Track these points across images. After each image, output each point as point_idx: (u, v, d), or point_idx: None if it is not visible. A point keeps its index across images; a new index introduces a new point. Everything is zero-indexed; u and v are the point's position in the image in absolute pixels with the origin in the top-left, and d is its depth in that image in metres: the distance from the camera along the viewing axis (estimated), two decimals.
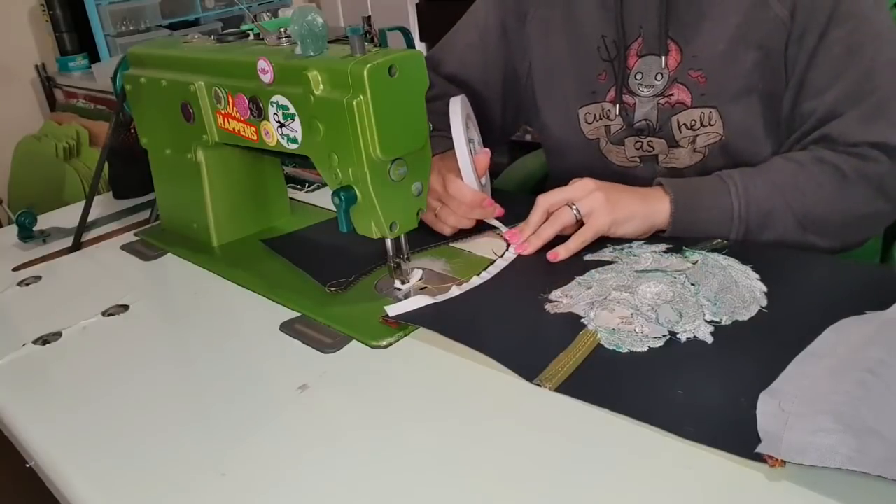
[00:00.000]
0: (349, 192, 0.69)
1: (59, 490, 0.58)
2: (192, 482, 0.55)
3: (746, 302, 0.67)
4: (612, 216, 0.79)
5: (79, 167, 2.19)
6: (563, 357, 0.63)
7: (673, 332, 0.64)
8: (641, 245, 0.79)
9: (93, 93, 2.39)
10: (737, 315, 0.66)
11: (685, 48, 0.86)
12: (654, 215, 0.81)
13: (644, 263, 0.75)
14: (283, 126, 0.75)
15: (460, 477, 0.52)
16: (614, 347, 0.63)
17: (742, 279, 0.71)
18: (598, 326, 0.66)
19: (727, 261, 0.74)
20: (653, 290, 0.69)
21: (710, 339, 0.63)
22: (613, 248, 0.79)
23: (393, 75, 0.66)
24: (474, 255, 0.84)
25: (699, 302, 0.67)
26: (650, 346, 0.63)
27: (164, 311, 0.83)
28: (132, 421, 0.63)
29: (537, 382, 0.60)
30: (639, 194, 0.82)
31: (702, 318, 0.66)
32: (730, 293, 0.68)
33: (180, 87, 0.86)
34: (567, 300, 0.71)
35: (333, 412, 0.62)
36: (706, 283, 0.70)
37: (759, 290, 0.69)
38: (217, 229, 0.94)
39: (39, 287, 0.90)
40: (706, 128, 0.86)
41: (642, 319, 0.66)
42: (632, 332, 0.65)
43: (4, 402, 0.68)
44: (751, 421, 0.52)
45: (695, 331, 0.64)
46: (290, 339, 0.72)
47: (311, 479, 0.54)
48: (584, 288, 0.72)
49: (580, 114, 0.94)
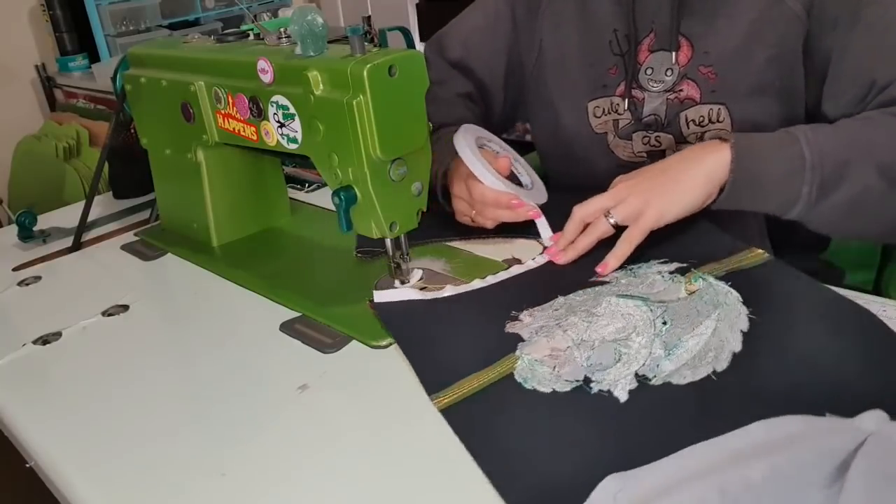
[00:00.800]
0: (349, 192, 0.69)
1: (59, 490, 0.58)
2: (192, 482, 0.55)
3: (705, 360, 0.60)
4: (657, 209, 0.73)
5: (79, 167, 2.19)
6: (472, 378, 0.61)
7: (588, 378, 0.59)
8: (651, 264, 0.74)
9: (93, 93, 2.39)
10: (681, 373, 0.59)
11: (696, 44, 0.85)
12: (713, 172, 0.72)
13: (635, 287, 0.70)
14: (283, 126, 0.75)
15: (460, 477, 0.52)
16: (521, 380, 0.60)
17: (723, 328, 0.63)
18: (525, 354, 0.63)
19: (728, 297, 0.67)
20: (610, 326, 0.65)
21: (624, 396, 0.57)
22: (624, 266, 0.75)
23: (393, 75, 0.66)
24: (474, 256, 0.84)
25: (652, 349, 0.61)
26: (555, 388, 0.59)
27: (164, 311, 0.83)
28: (132, 421, 0.63)
29: (433, 398, 0.59)
30: (690, 158, 0.75)
31: (635, 369, 0.60)
32: (696, 341, 0.62)
33: (180, 87, 0.86)
34: (528, 319, 0.68)
35: (333, 412, 0.62)
36: (679, 325, 0.64)
37: (728, 351, 0.61)
38: (217, 229, 0.94)
39: (39, 287, 0.90)
40: (714, 124, 0.86)
41: (573, 356, 0.62)
42: (551, 368, 0.61)
43: (4, 402, 0.68)
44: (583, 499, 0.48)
45: (614, 383, 0.58)
46: (290, 339, 0.72)
47: (310, 479, 0.54)
48: (552, 309, 0.69)
49: (589, 107, 0.93)
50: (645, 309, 0.66)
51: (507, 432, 0.55)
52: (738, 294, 0.67)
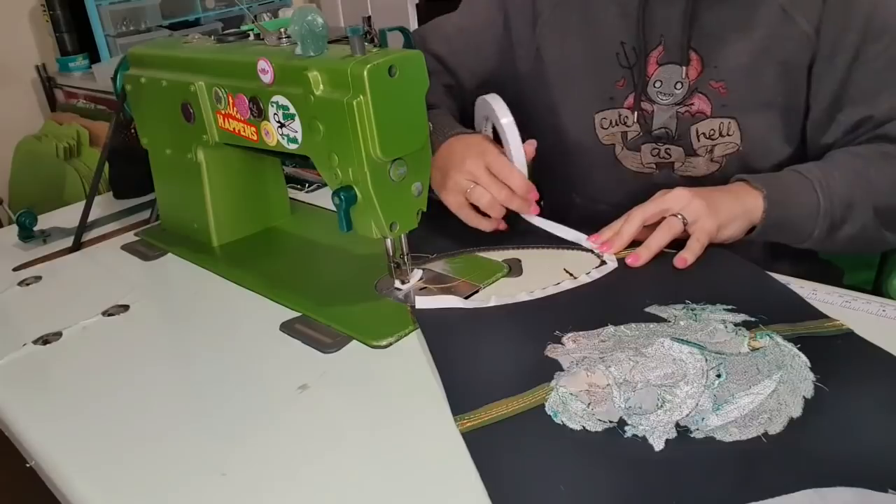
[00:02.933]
0: (349, 193, 0.69)
1: (59, 490, 0.58)
2: (192, 482, 0.55)
3: (757, 420, 0.55)
4: (718, 220, 0.77)
5: (79, 167, 2.19)
6: (502, 404, 0.58)
7: (623, 421, 0.55)
8: (717, 309, 0.69)
9: (93, 93, 2.39)
10: (727, 430, 0.54)
11: (707, 58, 0.85)
12: (750, 212, 0.78)
13: (693, 333, 0.65)
14: (284, 126, 0.75)
15: (460, 477, 0.52)
16: (551, 413, 0.57)
17: (784, 391, 0.57)
18: (560, 385, 0.59)
19: (795, 360, 0.60)
20: (658, 370, 0.60)
21: (660, 444, 0.53)
22: (686, 304, 0.70)
23: (393, 75, 0.66)
24: (474, 256, 0.84)
25: (699, 400, 0.56)
26: (586, 426, 0.55)
27: (165, 311, 0.83)
28: (132, 421, 0.63)
29: (457, 419, 0.57)
30: (731, 193, 0.80)
31: (677, 418, 0.55)
32: (751, 400, 0.56)
33: (180, 87, 0.86)
34: (571, 345, 0.65)
35: (333, 412, 0.62)
36: (735, 380, 0.58)
37: (786, 415, 0.55)
38: (217, 229, 0.94)
39: (40, 287, 0.90)
40: (724, 138, 0.87)
41: (611, 395, 0.58)
42: (585, 403, 0.57)
43: (4, 402, 0.68)
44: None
45: (651, 430, 0.54)
46: (290, 339, 0.72)
47: (311, 479, 0.54)
48: (599, 339, 0.65)
49: (596, 119, 0.93)
50: (700, 357, 0.61)
51: (526, 466, 0.52)
52: (807, 359, 0.60)
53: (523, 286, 0.76)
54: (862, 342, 0.63)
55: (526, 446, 0.54)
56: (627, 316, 0.68)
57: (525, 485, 0.50)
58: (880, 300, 0.69)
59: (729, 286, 0.73)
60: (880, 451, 0.51)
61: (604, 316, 0.69)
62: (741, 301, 0.69)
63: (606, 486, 0.50)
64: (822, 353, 0.61)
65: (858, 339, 0.63)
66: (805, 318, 0.67)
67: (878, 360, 0.61)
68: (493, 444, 0.54)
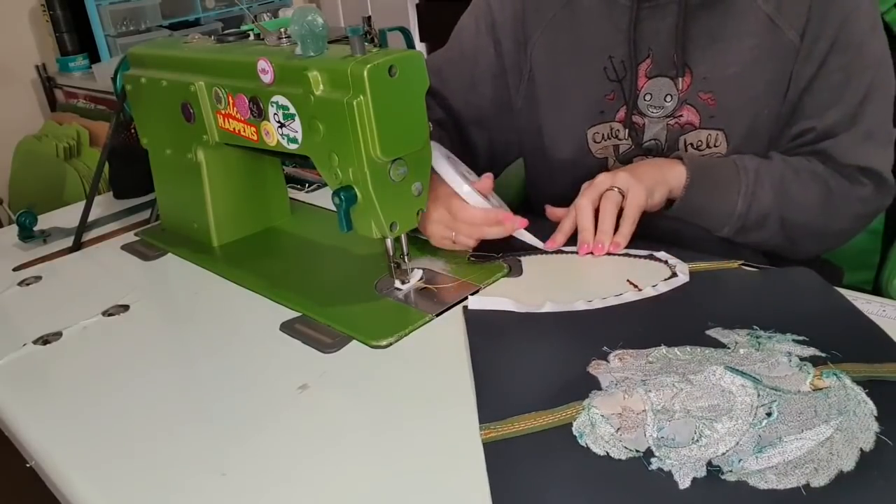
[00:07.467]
0: (349, 193, 0.69)
1: (59, 490, 0.58)
2: (192, 482, 0.55)
3: (801, 470, 0.49)
4: (644, 185, 0.80)
5: (79, 167, 2.19)
6: (531, 417, 0.56)
7: (651, 452, 0.51)
8: (785, 339, 0.62)
9: (93, 93, 2.39)
10: (764, 475, 0.49)
11: (695, 70, 0.85)
12: (670, 183, 0.82)
13: (751, 363, 0.59)
14: (284, 126, 0.75)
15: (460, 477, 0.52)
16: (577, 434, 0.54)
17: (840, 440, 0.51)
18: (593, 405, 0.56)
19: (861, 407, 0.54)
20: (702, 400, 0.55)
21: (686, 482, 0.49)
22: (753, 330, 0.64)
23: (393, 75, 0.66)
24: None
25: (741, 439, 0.51)
26: (610, 451, 0.52)
27: (165, 311, 0.83)
28: (132, 421, 0.63)
29: (482, 428, 0.56)
30: (652, 164, 0.84)
31: (710, 456, 0.50)
32: (800, 445, 0.51)
33: (180, 87, 0.86)
34: (617, 364, 0.61)
35: (333, 412, 0.62)
36: (787, 421, 0.53)
37: (836, 468, 0.49)
38: (217, 229, 0.94)
39: (40, 287, 0.90)
40: (711, 149, 0.87)
41: (643, 422, 0.54)
42: (614, 428, 0.54)
43: (4, 402, 0.68)
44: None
45: (678, 465, 0.50)
46: (290, 339, 0.72)
47: (311, 479, 0.54)
48: (646, 360, 0.61)
49: (588, 133, 0.93)
50: (752, 391, 0.56)
51: (538, 486, 0.50)
52: (874, 406, 0.54)
53: (548, 291, 0.74)
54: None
55: (543, 465, 0.52)
56: (685, 337, 0.64)
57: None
58: (880, 300, 0.69)
59: (806, 313, 0.66)
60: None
61: (660, 334, 0.64)
62: (816, 332, 0.63)
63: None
64: (893, 402, 0.54)
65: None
66: (889, 359, 0.59)
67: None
68: (511, 457, 0.53)
